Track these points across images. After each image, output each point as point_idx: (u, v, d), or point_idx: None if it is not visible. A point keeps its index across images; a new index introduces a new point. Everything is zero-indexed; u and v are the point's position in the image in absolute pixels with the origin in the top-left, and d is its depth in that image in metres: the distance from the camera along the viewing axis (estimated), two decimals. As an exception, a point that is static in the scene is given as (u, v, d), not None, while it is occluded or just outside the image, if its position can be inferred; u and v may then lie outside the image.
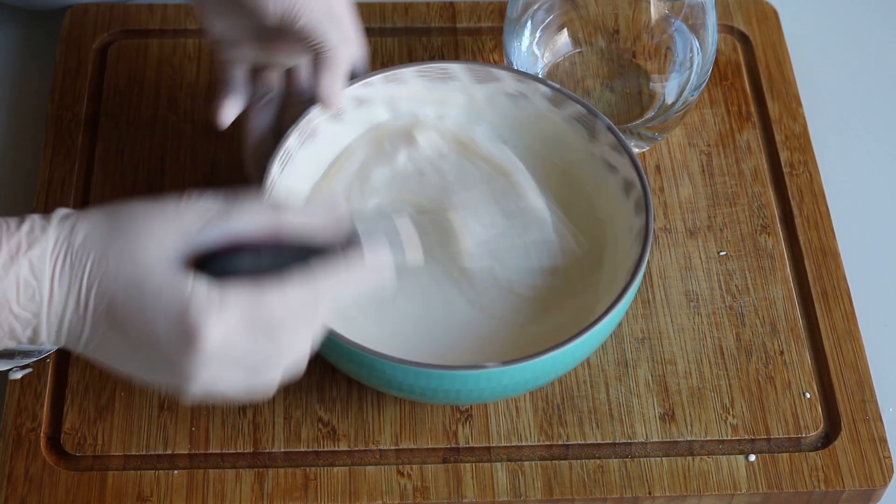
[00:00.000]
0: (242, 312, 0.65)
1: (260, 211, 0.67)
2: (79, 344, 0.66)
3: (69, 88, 0.96)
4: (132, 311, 0.65)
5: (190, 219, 0.66)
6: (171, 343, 0.65)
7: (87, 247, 0.65)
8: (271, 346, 0.66)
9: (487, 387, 0.75)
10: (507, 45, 0.93)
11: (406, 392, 0.77)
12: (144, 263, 0.65)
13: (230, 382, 0.67)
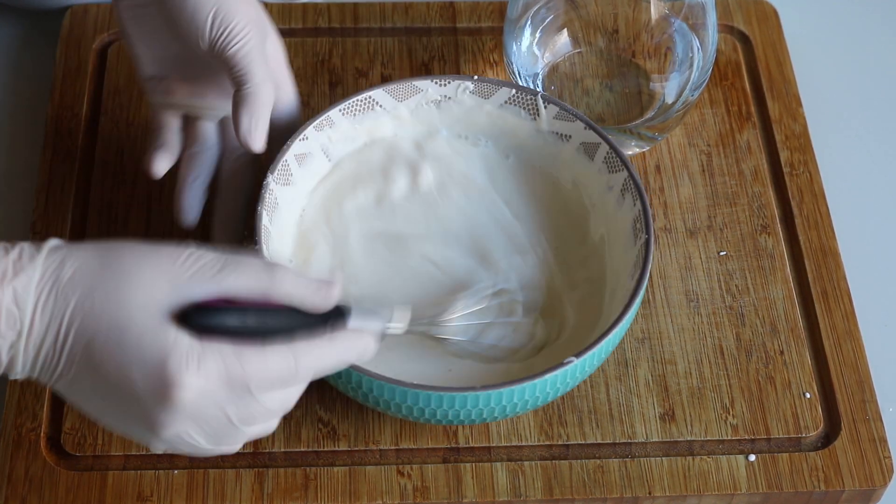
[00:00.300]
0: (220, 370, 0.65)
1: (254, 272, 0.67)
2: (51, 378, 0.66)
3: (69, 88, 0.96)
4: (110, 353, 0.64)
5: (182, 268, 0.65)
6: (146, 392, 0.64)
7: (75, 282, 0.64)
8: (244, 408, 0.66)
9: (475, 409, 0.75)
10: (507, 45, 0.93)
11: (394, 412, 0.77)
12: (129, 308, 0.64)
13: (197, 439, 0.67)
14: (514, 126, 0.88)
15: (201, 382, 0.64)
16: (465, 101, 0.87)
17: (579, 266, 0.85)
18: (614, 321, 0.77)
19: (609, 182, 0.85)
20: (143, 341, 0.64)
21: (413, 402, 0.75)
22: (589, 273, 0.84)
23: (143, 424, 0.66)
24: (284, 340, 0.66)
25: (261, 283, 0.67)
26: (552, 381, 0.75)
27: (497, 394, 0.74)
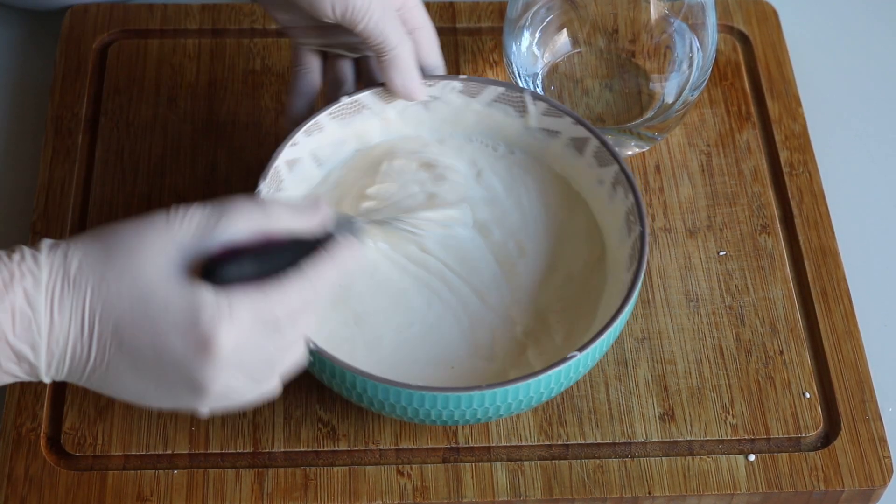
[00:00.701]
0: (252, 315, 0.65)
1: (250, 214, 0.68)
2: (83, 373, 0.66)
3: (69, 88, 0.96)
4: (141, 328, 0.64)
5: (182, 230, 0.66)
6: (186, 354, 0.64)
7: (84, 272, 0.64)
8: (278, 344, 0.67)
9: (481, 408, 0.75)
10: (507, 45, 0.93)
11: (399, 414, 0.77)
12: (146, 279, 0.64)
13: (240, 389, 0.67)
14: (502, 124, 0.88)
15: (237, 330, 0.65)
16: (453, 100, 0.87)
17: (573, 264, 0.85)
18: (614, 314, 0.77)
19: (600, 176, 0.85)
20: (171, 306, 0.64)
21: (411, 403, 0.75)
22: (584, 269, 0.84)
23: (189, 389, 0.66)
24: (294, 271, 0.68)
25: (259, 223, 0.68)
26: (556, 377, 0.75)
27: (502, 392, 0.74)
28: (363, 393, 0.76)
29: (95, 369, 0.65)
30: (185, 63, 0.98)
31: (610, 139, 0.92)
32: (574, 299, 0.83)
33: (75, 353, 0.65)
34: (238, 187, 0.80)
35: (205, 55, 0.98)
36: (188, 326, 0.64)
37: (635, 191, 0.81)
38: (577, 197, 0.87)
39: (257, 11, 1.00)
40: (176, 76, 0.97)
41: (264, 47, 0.99)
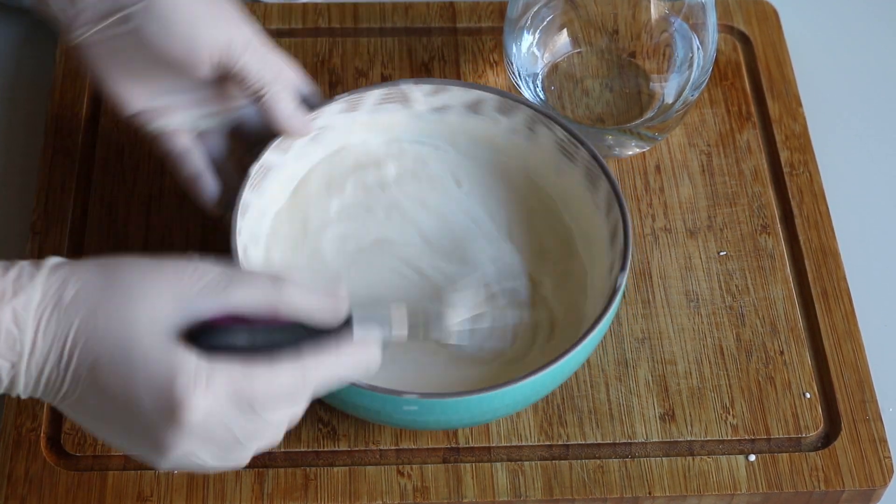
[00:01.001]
0: (229, 390, 0.64)
1: (260, 285, 0.66)
2: (55, 398, 0.65)
3: (69, 88, 0.96)
4: (116, 374, 0.63)
5: (187, 284, 0.64)
6: (153, 413, 0.63)
7: (78, 302, 0.63)
8: (251, 426, 0.65)
9: (490, 409, 0.75)
10: (507, 46, 0.93)
11: (396, 422, 0.77)
12: (134, 327, 0.63)
13: (203, 458, 0.66)
14: (394, 122, 0.87)
15: (210, 403, 0.63)
16: (339, 122, 0.86)
17: (558, 257, 0.85)
18: (602, 310, 0.77)
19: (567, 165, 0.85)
20: (150, 361, 0.63)
21: (409, 410, 0.75)
22: (568, 264, 0.84)
23: (149, 445, 0.65)
24: (291, 354, 0.66)
25: (269, 298, 0.66)
26: (551, 375, 0.75)
27: (500, 394, 0.74)
28: (354, 403, 0.76)
29: (66, 398, 0.65)
30: (185, 63, 0.97)
31: (610, 139, 0.93)
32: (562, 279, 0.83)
33: (50, 378, 0.64)
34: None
35: (205, 55, 0.98)
36: (161, 387, 0.63)
37: (611, 178, 0.81)
38: (535, 185, 0.87)
39: (257, 11, 1.00)
40: (176, 76, 0.97)
41: (264, 47, 0.98)
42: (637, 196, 0.92)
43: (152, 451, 0.65)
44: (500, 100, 0.85)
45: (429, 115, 0.87)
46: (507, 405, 0.76)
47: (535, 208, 0.87)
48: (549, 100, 0.93)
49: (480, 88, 0.85)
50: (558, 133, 0.84)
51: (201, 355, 0.64)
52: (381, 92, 0.85)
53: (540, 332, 0.82)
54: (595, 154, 0.83)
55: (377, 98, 0.85)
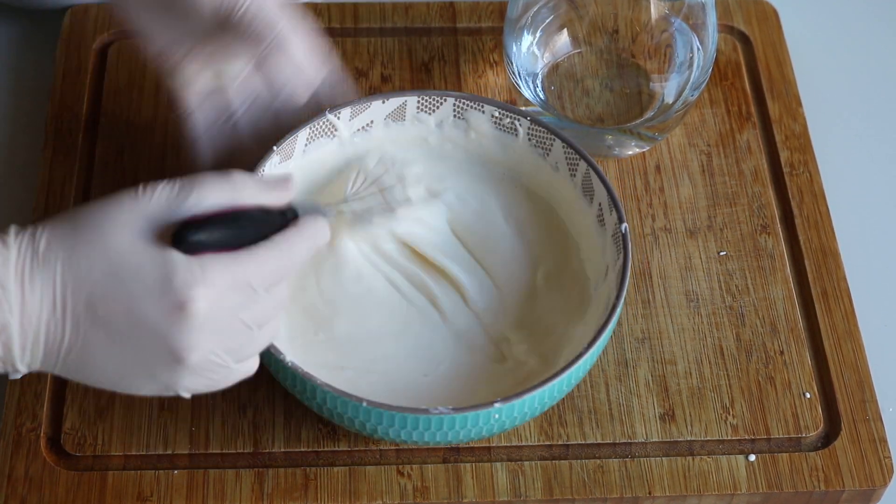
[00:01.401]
0: (225, 276, 0.65)
1: (215, 183, 0.67)
2: (59, 355, 0.65)
3: (69, 88, 0.96)
4: (114, 298, 0.64)
5: (150, 203, 0.66)
6: (161, 319, 0.64)
7: (53, 249, 0.64)
8: (255, 307, 0.67)
9: (496, 423, 0.75)
10: (507, 46, 0.93)
11: (393, 437, 0.76)
12: (116, 249, 0.64)
13: (219, 363, 0.67)
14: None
15: (211, 291, 0.65)
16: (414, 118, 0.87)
17: (556, 265, 0.85)
18: (603, 323, 0.77)
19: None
20: (142, 272, 0.64)
21: (412, 427, 0.75)
22: (567, 271, 0.84)
23: (166, 361, 0.65)
24: (264, 242, 0.68)
25: (224, 192, 0.67)
26: (549, 391, 0.75)
27: (509, 407, 0.74)
28: (355, 418, 0.76)
29: (71, 349, 0.65)
30: (185, 63, 0.97)
31: (610, 139, 0.93)
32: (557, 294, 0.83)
33: (49, 331, 0.64)
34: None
35: (205, 55, 0.98)
36: (162, 290, 0.64)
37: (607, 185, 0.82)
38: (542, 201, 0.87)
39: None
40: (176, 76, 0.97)
41: (264, 47, 0.98)
42: (637, 196, 0.92)
43: (169, 367, 0.66)
44: (419, 101, 0.85)
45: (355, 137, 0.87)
46: (520, 416, 0.76)
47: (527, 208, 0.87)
48: (549, 100, 0.93)
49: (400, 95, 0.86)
50: (494, 113, 0.86)
51: (188, 255, 0.65)
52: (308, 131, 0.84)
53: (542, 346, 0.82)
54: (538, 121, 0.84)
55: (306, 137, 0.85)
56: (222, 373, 0.68)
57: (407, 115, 0.86)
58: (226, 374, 0.68)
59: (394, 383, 0.79)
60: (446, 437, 0.75)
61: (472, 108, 0.86)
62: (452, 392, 0.79)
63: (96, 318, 0.64)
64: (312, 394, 0.75)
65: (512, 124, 0.86)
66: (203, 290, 0.64)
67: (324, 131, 0.85)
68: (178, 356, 0.65)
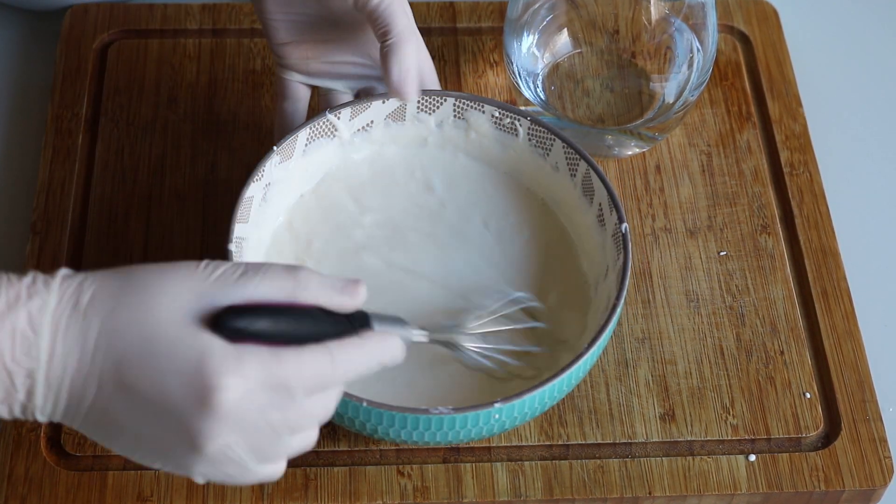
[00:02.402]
0: (260, 371, 0.62)
1: (277, 274, 0.65)
2: (80, 408, 0.63)
3: (69, 88, 0.96)
4: (144, 368, 0.62)
5: (202, 277, 0.64)
6: (185, 401, 0.62)
7: (96, 304, 0.62)
8: (286, 413, 0.64)
9: (496, 422, 0.75)
10: (507, 46, 0.93)
11: (393, 437, 0.76)
12: (157, 319, 0.62)
13: (239, 453, 0.64)
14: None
15: (241, 383, 0.62)
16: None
17: (556, 266, 0.85)
18: (603, 323, 0.77)
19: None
20: (177, 349, 0.62)
21: (412, 427, 0.74)
22: (568, 271, 0.84)
23: (184, 443, 0.63)
24: (315, 342, 0.65)
25: (286, 284, 0.65)
26: (550, 391, 0.75)
27: (509, 407, 0.74)
28: (355, 419, 0.76)
29: (92, 407, 0.63)
30: (185, 63, 0.98)
31: (610, 139, 0.93)
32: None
33: (74, 385, 0.62)
34: (238, 187, 0.80)
35: (205, 55, 0.98)
36: (191, 373, 0.61)
37: (608, 185, 0.82)
38: (536, 196, 0.87)
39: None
40: (176, 76, 0.97)
41: (264, 47, 0.99)
42: (637, 196, 0.92)
43: (186, 450, 0.63)
44: (566, 148, 0.85)
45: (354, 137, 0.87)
46: (520, 416, 0.76)
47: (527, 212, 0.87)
48: (549, 100, 0.93)
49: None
50: (494, 114, 0.86)
51: (227, 341, 0.62)
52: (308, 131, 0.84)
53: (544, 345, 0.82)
54: (538, 121, 0.84)
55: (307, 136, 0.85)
56: (239, 470, 0.65)
57: (407, 115, 0.86)
58: (243, 471, 0.65)
59: (394, 382, 0.79)
60: (446, 437, 0.75)
61: (473, 108, 0.86)
62: (452, 392, 0.79)
63: (122, 384, 0.62)
64: None
65: (512, 124, 0.86)
66: (234, 380, 0.61)
67: (324, 131, 0.85)
68: (194, 442, 0.63)
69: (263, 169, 0.81)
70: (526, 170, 0.87)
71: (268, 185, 0.82)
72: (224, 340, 0.62)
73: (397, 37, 0.79)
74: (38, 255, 0.88)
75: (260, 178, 0.81)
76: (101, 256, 0.88)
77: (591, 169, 0.83)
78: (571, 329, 0.82)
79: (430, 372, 0.80)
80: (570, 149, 0.84)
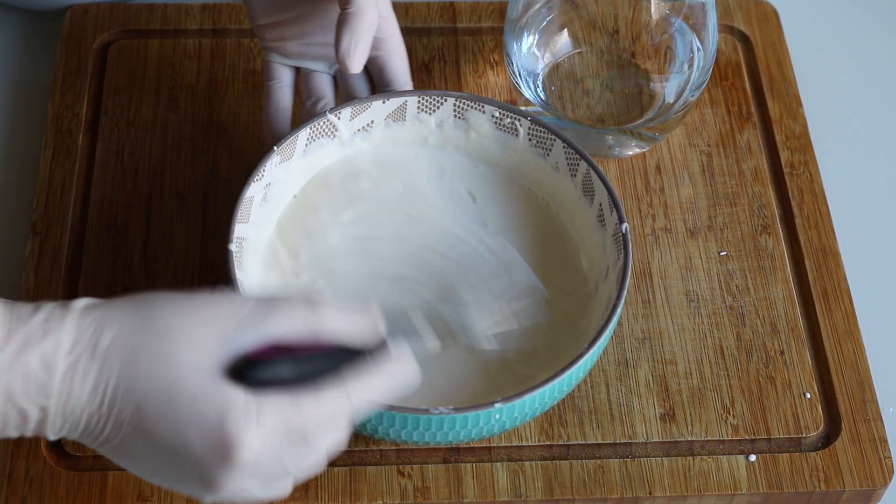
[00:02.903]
0: (280, 424, 0.63)
1: (298, 312, 0.65)
2: (96, 441, 0.64)
3: (69, 88, 0.96)
4: (163, 416, 0.62)
5: (225, 319, 0.63)
6: (204, 453, 0.62)
7: (116, 347, 0.62)
8: (300, 458, 0.65)
9: (496, 423, 0.75)
10: (507, 46, 0.93)
11: (393, 437, 0.76)
12: (178, 367, 0.62)
13: (252, 491, 0.65)
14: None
15: (261, 438, 0.62)
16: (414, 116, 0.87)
17: (556, 265, 0.85)
18: (603, 323, 0.77)
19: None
20: (198, 401, 0.62)
21: (413, 427, 0.74)
22: (568, 271, 0.84)
23: (199, 484, 0.64)
24: (334, 380, 0.65)
25: (307, 324, 0.65)
26: (550, 391, 0.75)
27: (509, 407, 0.74)
28: None
29: (108, 441, 0.63)
30: (185, 63, 0.98)
31: (610, 139, 0.93)
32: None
33: (90, 423, 0.63)
34: (238, 187, 0.80)
35: (205, 55, 0.98)
36: (212, 427, 0.62)
37: (608, 185, 0.82)
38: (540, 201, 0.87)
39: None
40: (176, 76, 0.97)
41: (264, 47, 0.99)
42: (637, 196, 0.92)
43: (201, 489, 0.64)
44: (419, 101, 0.85)
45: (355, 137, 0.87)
46: (520, 416, 0.76)
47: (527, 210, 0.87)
48: (549, 100, 0.93)
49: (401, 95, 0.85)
50: (494, 114, 0.86)
51: (248, 391, 0.63)
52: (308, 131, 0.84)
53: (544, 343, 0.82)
54: (538, 121, 0.84)
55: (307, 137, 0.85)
56: (252, 497, 0.66)
57: (407, 115, 0.86)
58: (256, 497, 0.66)
59: None
60: (447, 437, 0.75)
61: (473, 108, 0.86)
62: (452, 392, 0.79)
63: (140, 427, 0.62)
64: None
65: (512, 124, 0.86)
66: (253, 434, 0.62)
67: (324, 131, 0.85)
68: (211, 485, 0.63)
69: (264, 169, 0.81)
70: (526, 170, 0.87)
71: (268, 186, 0.82)
72: (245, 390, 0.63)
73: (356, 7, 0.78)
74: (38, 255, 0.88)
75: (260, 178, 0.81)
76: (101, 256, 0.88)
77: (592, 169, 0.83)
78: (572, 329, 0.82)
79: (430, 372, 0.80)
80: (571, 149, 0.84)
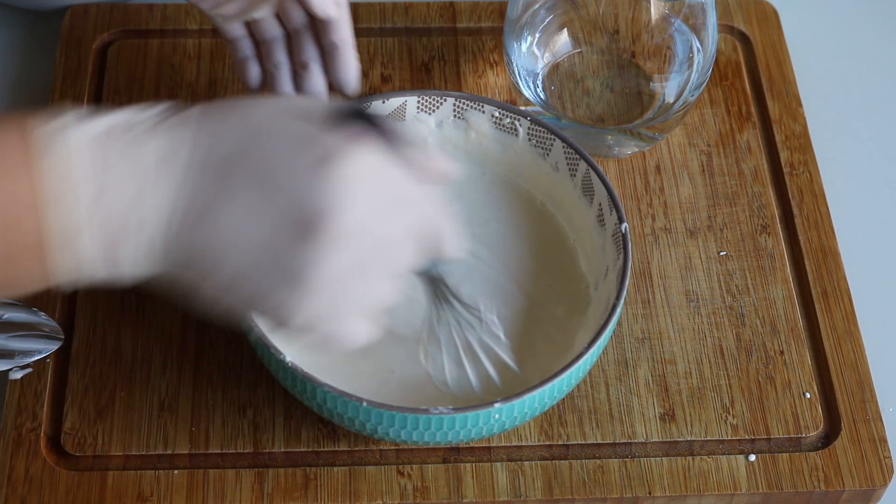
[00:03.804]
0: (379, 159, 0.62)
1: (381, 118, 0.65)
2: (181, 224, 0.61)
3: (69, 88, 0.96)
4: (252, 154, 0.61)
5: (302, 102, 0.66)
6: (301, 172, 0.60)
7: (203, 119, 0.65)
8: (392, 225, 0.63)
9: (495, 423, 0.75)
10: (507, 45, 0.93)
11: (393, 437, 0.76)
12: (264, 116, 0.63)
13: (338, 295, 0.62)
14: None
15: (362, 156, 0.61)
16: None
17: (556, 266, 0.85)
18: (603, 323, 0.77)
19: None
20: (286, 130, 0.62)
21: (412, 427, 0.74)
22: (567, 272, 0.84)
23: (296, 232, 0.60)
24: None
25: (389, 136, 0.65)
26: (549, 391, 0.75)
27: (509, 407, 0.74)
28: (354, 418, 0.75)
29: (199, 213, 0.61)
30: (185, 63, 0.98)
31: (610, 139, 0.93)
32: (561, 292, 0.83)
33: (181, 191, 0.61)
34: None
35: (205, 55, 0.98)
36: (306, 146, 0.61)
37: (608, 185, 0.82)
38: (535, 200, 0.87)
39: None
40: (176, 76, 0.97)
41: (264, 47, 0.99)
42: (637, 196, 0.92)
43: (298, 240, 0.60)
44: (419, 100, 0.85)
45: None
46: (520, 416, 0.76)
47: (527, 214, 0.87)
48: (549, 100, 0.93)
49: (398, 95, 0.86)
50: (494, 113, 0.86)
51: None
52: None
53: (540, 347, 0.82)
54: (538, 121, 0.84)
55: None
56: (338, 311, 0.63)
57: (407, 115, 0.86)
58: (341, 315, 0.63)
59: (394, 382, 0.79)
60: (446, 437, 0.75)
61: (472, 108, 0.86)
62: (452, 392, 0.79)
63: (229, 177, 0.61)
64: (312, 394, 0.75)
65: (512, 124, 0.86)
66: (357, 152, 0.61)
67: None
68: (311, 222, 0.60)
69: None
70: (526, 170, 0.87)
71: None
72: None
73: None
74: (38, 255, 0.88)
75: None
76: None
77: (591, 169, 0.83)
78: (571, 329, 0.82)
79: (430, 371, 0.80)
80: (570, 149, 0.84)
